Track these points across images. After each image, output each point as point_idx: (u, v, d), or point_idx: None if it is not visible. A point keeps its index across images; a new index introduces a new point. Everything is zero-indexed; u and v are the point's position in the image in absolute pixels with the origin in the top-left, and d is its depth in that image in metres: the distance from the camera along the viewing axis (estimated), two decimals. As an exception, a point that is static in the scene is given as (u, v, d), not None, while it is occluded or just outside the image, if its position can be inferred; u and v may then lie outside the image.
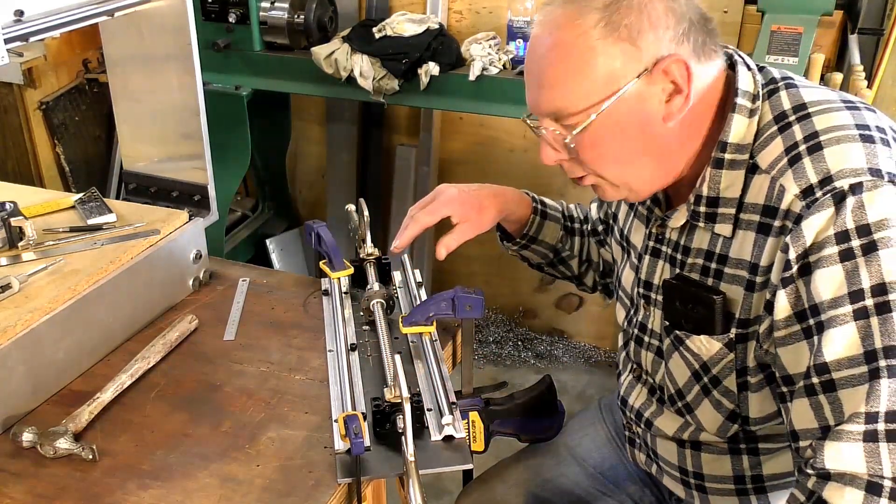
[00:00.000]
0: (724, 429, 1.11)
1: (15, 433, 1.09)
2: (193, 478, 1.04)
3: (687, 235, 1.09)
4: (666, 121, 0.99)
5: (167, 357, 1.28)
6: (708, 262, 1.05)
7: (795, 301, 0.93)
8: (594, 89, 0.97)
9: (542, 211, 1.42)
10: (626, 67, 0.96)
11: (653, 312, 1.17)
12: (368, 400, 1.13)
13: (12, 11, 1.13)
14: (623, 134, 1.00)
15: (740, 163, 1.01)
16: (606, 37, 0.95)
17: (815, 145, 0.94)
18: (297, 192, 3.27)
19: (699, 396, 1.12)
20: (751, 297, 1.00)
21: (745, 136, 1.01)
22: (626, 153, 1.02)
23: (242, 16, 2.46)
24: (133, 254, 1.33)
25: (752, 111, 1.01)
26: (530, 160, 2.81)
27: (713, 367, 1.07)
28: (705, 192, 1.03)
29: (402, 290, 1.44)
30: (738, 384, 1.06)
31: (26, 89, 2.77)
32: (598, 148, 1.02)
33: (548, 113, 1.03)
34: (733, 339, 1.04)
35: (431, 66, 2.29)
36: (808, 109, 0.99)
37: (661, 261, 1.14)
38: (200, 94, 1.47)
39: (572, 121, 1.00)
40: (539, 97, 1.03)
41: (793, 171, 0.95)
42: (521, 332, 3.03)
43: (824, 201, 0.90)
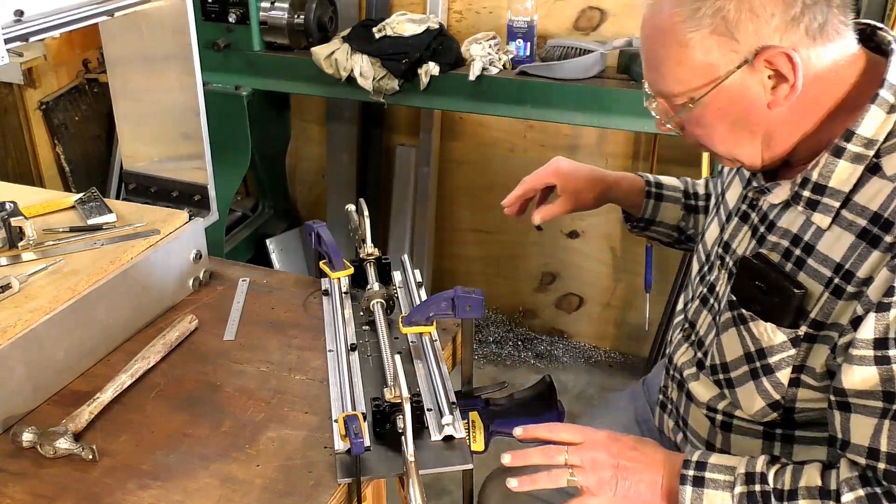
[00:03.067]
0: (763, 413, 1.08)
1: (15, 433, 1.09)
2: (193, 478, 1.05)
3: (778, 212, 1.05)
4: (771, 107, 0.97)
5: (167, 357, 1.28)
6: (793, 247, 1.01)
7: (884, 329, 0.90)
8: (693, 77, 0.97)
9: (656, 194, 1.43)
10: (724, 59, 0.95)
11: (722, 276, 1.14)
12: (368, 400, 1.13)
13: (12, 11, 1.13)
14: (726, 119, 1.00)
15: (862, 158, 0.95)
16: (702, 28, 0.94)
17: None
18: (297, 192, 3.26)
19: (745, 377, 1.08)
20: (834, 301, 0.96)
21: (878, 132, 0.95)
22: (731, 135, 1.02)
23: (242, 16, 2.46)
24: (133, 254, 1.33)
25: (892, 107, 0.95)
26: (531, 160, 2.80)
27: (770, 356, 1.04)
28: (814, 178, 0.99)
29: (402, 290, 1.44)
30: (791, 379, 1.03)
31: (26, 89, 2.77)
32: (703, 129, 1.03)
33: (657, 92, 1.04)
34: (800, 337, 1.00)
35: (431, 66, 2.29)
36: None
37: (746, 227, 1.11)
38: (200, 94, 1.47)
39: (677, 102, 1.01)
40: (648, 76, 1.04)
41: None
42: (521, 332, 3.03)
43: None
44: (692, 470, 1.02)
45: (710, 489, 1.00)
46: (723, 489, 0.99)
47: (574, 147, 2.73)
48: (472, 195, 2.94)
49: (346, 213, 1.49)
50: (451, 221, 3.01)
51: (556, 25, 2.55)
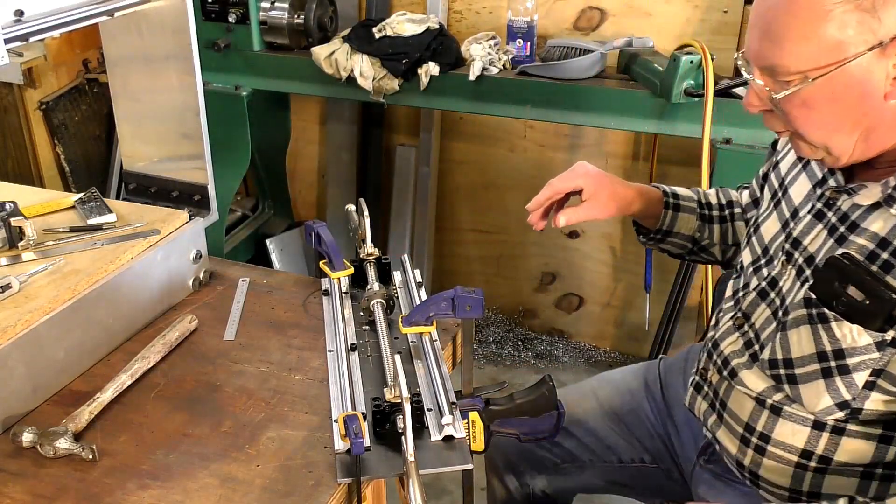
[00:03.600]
0: (827, 412, 1.06)
1: (15, 433, 1.09)
2: (193, 478, 1.05)
3: (864, 213, 1.02)
4: (888, 98, 0.94)
5: (167, 357, 1.28)
6: (879, 250, 0.99)
7: None
8: (818, 54, 0.92)
9: (674, 204, 1.40)
10: (858, 38, 0.90)
11: (789, 273, 1.12)
12: (368, 400, 1.13)
13: (12, 11, 1.13)
14: (836, 103, 0.95)
15: None
16: (847, 2, 0.89)
17: None
18: (297, 192, 3.26)
19: (814, 374, 1.06)
20: None
21: None
22: (834, 122, 0.97)
23: (242, 16, 2.46)
24: (133, 254, 1.33)
25: None
26: (531, 160, 2.81)
27: (850, 357, 1.02)
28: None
29: (402, 290, 1.43)
30: (867, 382, 1.02)
31: (26, 89, 2.77)
32: (806, 111, 0.98)
33: (764, 66, 0.98)
34: (887, 341, 0.99)
35: (431, 66, 2.29)
36: None
37: (821, 226, 1.08)
38: (200, 94, 1.47)
39: (787, 78, 0.96)
40: (759, 47, 0.98)
41: None
42: (521, 332, 3.03)
43: None
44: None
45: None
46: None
47: (574, 147, 2.73)
48: (472, 195, 2.94)
49: (346, 213, 1.49)
50: (451, 221, 3.01)
51: (556, 25, 2.55)
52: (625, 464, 1.48)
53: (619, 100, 2.16)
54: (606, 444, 1.48)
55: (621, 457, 1.47)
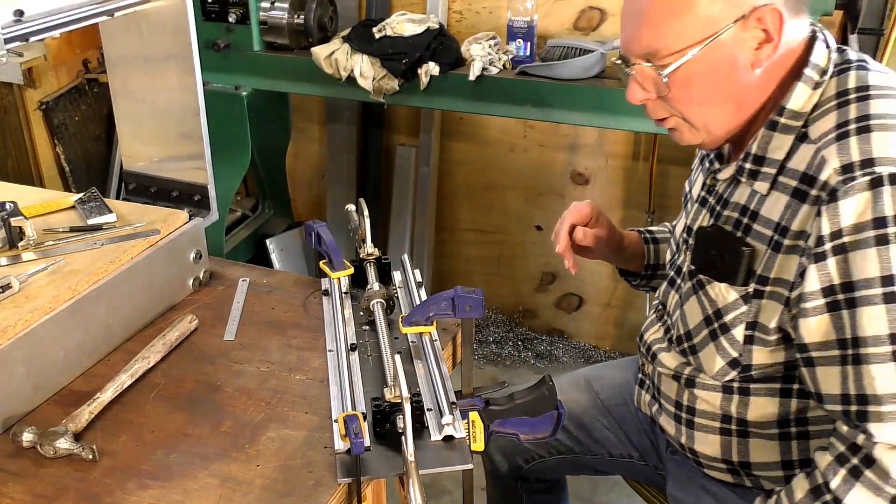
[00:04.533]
0: (723, 372, 1.16)
1: (15, 433, 1.09)
2: (193, 478, 1.05)
3: (730, 188, 1.15)
4: (753, 67, 1.05)
5: (167, 357, 1.28)
6: (741, 217, 1.11)
7: (825, 277, 0.98)
8: (693, 31, 1.02)
9: (652, 238, 1.48)
10: (724, 12, 1.01)
11: (686, 256, 1.23)
12: (368, 400, 1.13)
13: (12, 11, 1.13)
14: (713, 76, 1.05)
15: (792, 129, 1.06)
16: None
17: (865, 127, 0.99)
18: (297, 192, 3.26)
19: (706, 340, 1.17)
20: (775, 256, 1.05)
21: (805, 105, 1.06)
22: (713, 95, 1.07)
23: (242, 16, 2.46)
24: (133, 254, 1.33)
25: (817, 84, 1.06)
26: (530, 160, 2.81)
27: (725, 314, 1.13)
28: (754, 150, 1.09)
29: (402, 290, 1.43)
30: (745, 336, 1.12)
31: (26, 89, 2.77)
32: (688, 88, 1.06)
33: (644, 52, 1.07)
34: (750, 293, 1.09)
35: (431, 66, 2.29)
36: (870, 91, 1.03)
37: (705, 210, 1.20)
38: (200, 94, 1.47)
39: (667, 60, 1.04)
40: (637, 36, 1.07)
41: (837, 146, 0.99)
42: (521, 332, 3.03)
43: (861, 183, 0.95)
44: None
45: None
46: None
47: (574, 147, 2.73)
48: (472, 195, 2.94)
49: (346, 213, 1.49)
50: (451, 221, 3.01)
51: (556, 25, 2.55)
52: (614, 458, 1.50)
53: (619, 100, 2.16)
54: (595, 438, 1.49)
55: (611, 451, 1.50)
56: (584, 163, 2.74)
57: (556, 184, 2.79)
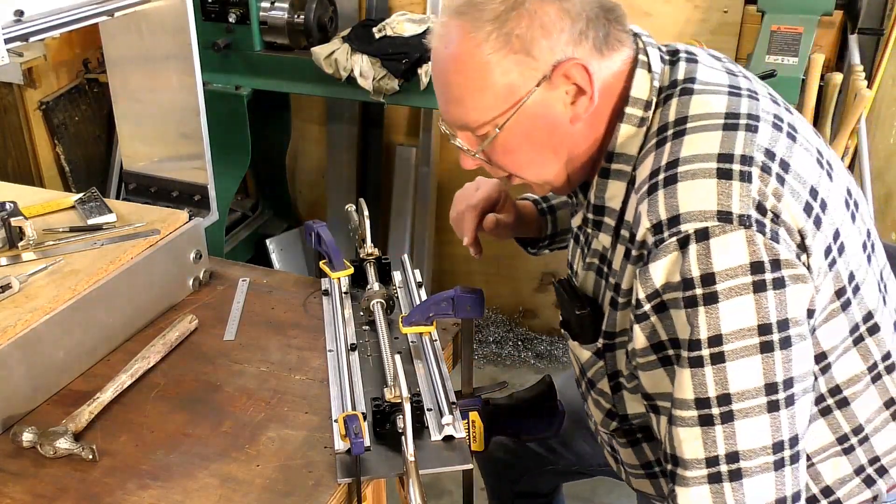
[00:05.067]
0: (606, 424, 1.14)
1: (15, 433, 1.09)
2: (193, 478, 1.05)
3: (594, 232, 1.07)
4: (573, 122, 0.98)
5: (167, 357, 1.28)
6: (602, 265, 1.06)
7: (651, 334, 0.94)
8: (495, 103, 0.96)
9: (548, 207, 1.42)
10: (523, 77, 0.94)
11: None
12: (368, 400, 1.13)
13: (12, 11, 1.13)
14: (532, 140, 0.99)
15: (623, 174, 0.99)
16: (500, 49, 0.93)
17: (671, 177, 0.91)
18: (297, 192, 3.26)
19: (585, 392, 1.17)
20: (614, 313, 1.02)
21: (631, 146, 0.99)
22: (538, 157, 1.02)
23: (242, 16, 2.46)
24: (133, 254, 1.33)
25: (642, 119, 0.98)
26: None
27: (588, 370, 1.11)
28: (592, 200, 1.03)
29: (402, 290, 1.44)
30: (611, 386, 1.09)
31: (26, 89, 2.77)
32: (510, 155, 1.02)
33: (457, 126, 1.03)
34: (601, 349, 1.06)
35: (431, 66, 2.29)
36: (687, 125, 0.95)
37: (578, 248, 1.15)
38: (200, 94, 1.47)
39: (482, 131, 1.00)
40: (446, 110, 1.02)
41: (648, 202, 0.92)
42: (521, 332, 3.03)
43: (670, 244, 0.88)
44: None
45: None
46: None
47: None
48: (472, 195, 2.93)
49: (346, 213, 1.49)
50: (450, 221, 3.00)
51: (556, 25, 2.54)
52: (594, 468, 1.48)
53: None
54: (574, 451, 1.47)
55: (590, 462, 1.47)
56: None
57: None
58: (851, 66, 2.18)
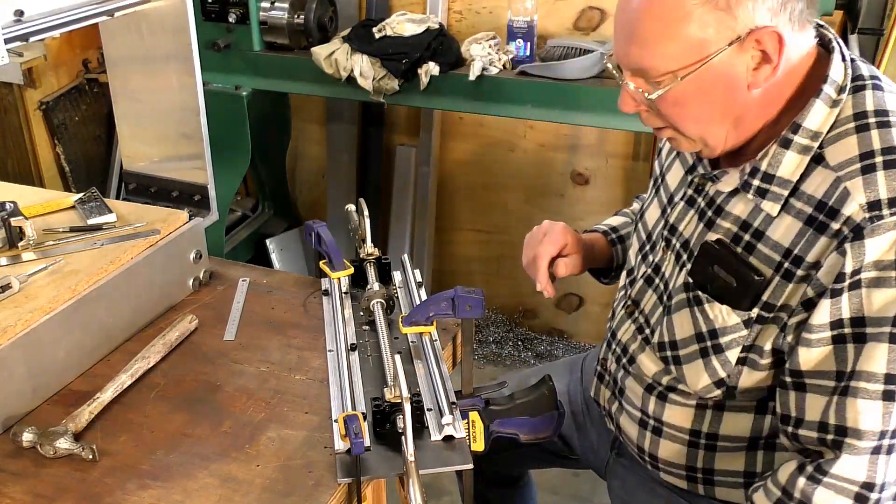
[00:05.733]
0: (707, 390, 1.13)
1: (15, 433, 1.09)
2: (193, 478, 1.05)
3: (727, 199, 1.09)
4: (751, 88, 0.99)
5: (167, 357, 1.28)
6: (741, 232, 1.06)
7: (836, 311, 0.96)
8: (684, 54, 0.97)
9: (618, 238, 1.44)
10: (718, 35, 0.95)
11: (669, 258, 1.18)
12: (368, 400, 1.13)
13: (12, 11, 1.13)
14: (706, 97, 1.00)
15: (808, 149, 1.01)
16: (705, 3, 0.94)
17: (892, 161, 0.95)
18: (297, 192, 3.26)
19: (694, 355, 1.12)
20: (785, 285, 1.01)
21: (822, 125, 1.00)
22: (707, 115, 1.03)
23: (242, 16, 2.46)
24: (133, 254, 1.33)
25: (835, 102, 1.01)
26: (531, 160, 2.81)
27: (722, 336, 1.08)
28: (763, 167, 1.04)
29: (402, 290, 1.44)
30: (739, 359, 1.08)
31: (26, 89, 2.77)
32: (680, 107, 1.02)
33: (633, 68, 1.02)
34: (753, 319, 1.05)
35: (431, 66, 2.29)
36: (890, 117, 0.98)
37: (693, 211, 1.14)
38: (200, 94, 1.47)
39: (657, 79, 1.00)
40: (627, 51, 1.02)
41: (863, 180, 0.95)
42: (521, 332, 3.03)
43: (889, 223, 0.92)
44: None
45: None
46: None
47: (574, 147, 2.73)
48: (472, 195, 2.94)
49: (346, 213, 1.49)
50: (451, 221, 3.01)
51: (556, 25, 2.55)
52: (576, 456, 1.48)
53: (619, 100, 2.16)
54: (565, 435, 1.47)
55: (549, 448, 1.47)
56: (584, 163, 2.74)
57: (556, 184, 2.79)
58: (851, 66, 2.18)
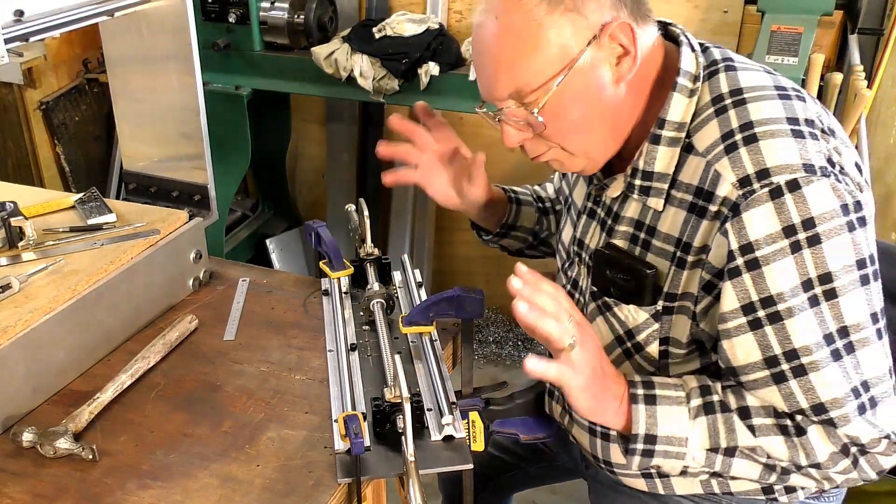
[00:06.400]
0: None
1: (15, 433, 1.09)
2: (193, 478, 1.05)
3: (620, 204, 1.12)
4: (618, 82, 1.02)
5: (167, 357, 1.28)
6: (637, 232, 1.09)
7: (742, 294, 0.97)
8: (550, 63, 0.99)
9: (516, 199, 1.45)
10: (575, 37, 0.98)
11: (581, 271, 1.21)
12: (368, 400, 1.13)
13: (12, 11, 1.13)
14: (582, 102, 1.02)
15: (677, 141, 1.04)
16: (552, 11, 0.97)
17: (751, 136, 0.98)
18: (297, 192, 3.26)
19: (619, 359, 1.15)
20: (680, 273, 1.04)
21: (684, 115, 1.04)
22: (587, 121, 1.04)
23: (242, 16, 2.46)
24: (133, 254, 1.33)
25: (692, 91, 1.05)
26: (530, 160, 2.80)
27: (638, 334, 1.11)
28: (641, 166, 1.07)
29: (402, 290, 1.44)
30: (660, 352, 1.10)
31: (26, 89, 2.77)
32: (561, 119, 1.03)
33: (508, 95, 1.04)
34: (660, 311, 1.08)
35: (431, 66, 2.29)
36: (744, 95, 1.02)
37: (595, 223, 1.17)
38: (200, 94, 1.47)
39: (533, 97, 1.02)
40: (496, 82, 1.04)
41: (729, 160, 0.98)
42: (521, 332, 3.03)
43: (761, 195, 0.95)
44: (641, 389, 1.05)
45: (664, 405, 1.04)
46: (677, 404, 1.04)
47: (574, 147, 2.73)
48: (472, 195, 2.93)
49: (346, 213, 1.49)
50: (451, 221, 3.01)
51: (556, 25, 2.54)
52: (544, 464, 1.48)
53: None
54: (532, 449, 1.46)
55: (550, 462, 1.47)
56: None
57: (556, 184, 2.79)
58: (851, 67, 2.18)
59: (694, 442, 1.03)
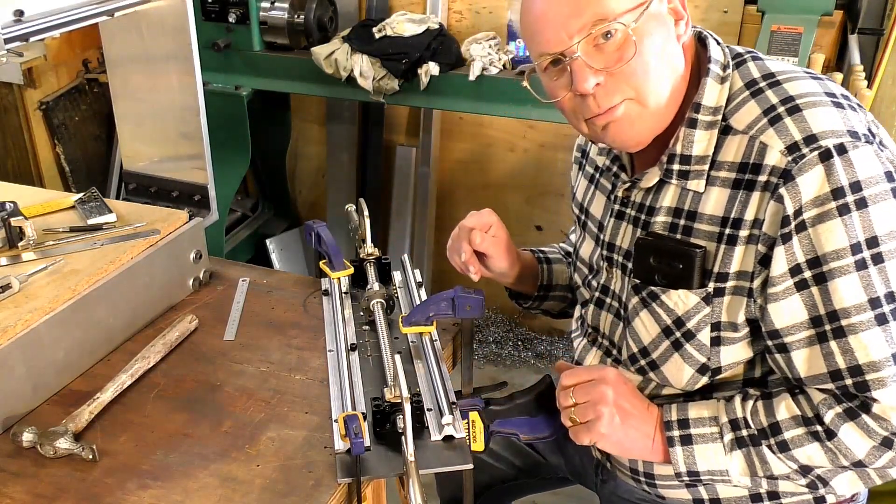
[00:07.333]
0: (693, 381, 1.12)
1: (15, 433, 1.09)
2: (193, 478, 1.05)
3: (654, 195, 1.13)
4: (678, 40, 1.06)
5: (167, 357, 1.28)
6: (676, 220, 1.10)
7: (791, 257, 0.99)
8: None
9: (545, 258, 1.44)
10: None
11: (615, 274, 1.20)
12: (368, 400, 1.13)
13: (12, 11, 1.13)
14: (656, 45, 1.04)
15: (713, 124, 1.07)
16: None
17: (794, 107, 1.01)
18: (297, 192, 3.27)
19: (668, 352, 1.13)
20: (731, 251, 1.04)
21: (718, 99, 1.07)
22: (660, 65, 1.05)
23: (242, 16, 2.46)
24: (133, 254, 1.33)
25: (723, 78, 1.08)
26: (530, 160, 2.81)
27: (688, 321, 1.10)
28: (679, 151, 1.08)
29: (402, 290, 1.44)
30: (712, 339, 1.09)
31: (26, 89, 2.77)
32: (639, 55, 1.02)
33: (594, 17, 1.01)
34: (711, 293, 1.07)
35: (431, 66, 2.29)
36: (777, 77, 1.05)
37: (625, 223, 1.17)
38: (200, 94, 1.47)
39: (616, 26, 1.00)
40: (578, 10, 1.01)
41: (775, 129, 1.01)
42: (521, 332, 3.03)
43: (812, 158, 0.97)
44: (677, 430, 1.08)
45: (700, 444, 1.08)
46: (712, 441, 1.07)
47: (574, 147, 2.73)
48: (472, 195, 2.94)
49: (346, 213, 1.49)
50: (451, 221, 3.00)
51: (556, 25, 2.54)
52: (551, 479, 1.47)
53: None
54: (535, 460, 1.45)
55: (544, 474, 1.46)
56: (584, 163, 2.74)
57: (556, 184, 2.78)
58: (851, 66, 2.18)
59: (734, 472, 1.07)
